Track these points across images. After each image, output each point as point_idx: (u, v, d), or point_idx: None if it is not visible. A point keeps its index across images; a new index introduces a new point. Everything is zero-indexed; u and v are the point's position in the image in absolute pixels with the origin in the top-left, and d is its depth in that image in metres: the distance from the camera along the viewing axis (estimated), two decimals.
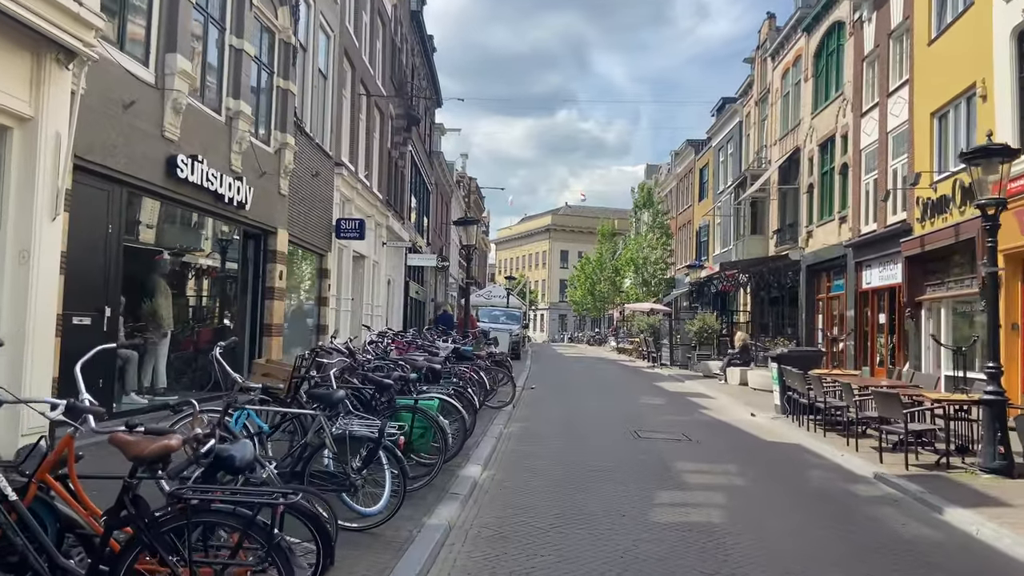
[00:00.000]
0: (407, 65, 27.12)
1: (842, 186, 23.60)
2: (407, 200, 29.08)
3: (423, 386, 8.52)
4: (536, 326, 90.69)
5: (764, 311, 32.53)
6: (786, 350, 14.06)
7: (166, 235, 10.72)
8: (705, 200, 43.57)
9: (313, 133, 15.14)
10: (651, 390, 19.00)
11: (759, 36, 34.01)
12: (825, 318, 25.35)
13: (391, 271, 26.17)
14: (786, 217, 29.27)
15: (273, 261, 12.72)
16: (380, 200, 22.16)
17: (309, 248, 15.40)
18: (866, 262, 21.53)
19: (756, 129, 33.90)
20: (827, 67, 25.50)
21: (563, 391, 18.08)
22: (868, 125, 21.56)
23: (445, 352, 12.05)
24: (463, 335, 17.41)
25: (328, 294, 16.63)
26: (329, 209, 16.67)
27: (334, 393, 5.66)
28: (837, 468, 9.37)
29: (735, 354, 20.62)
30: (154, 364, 10.78)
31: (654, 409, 14.82)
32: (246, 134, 11.12)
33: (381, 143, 22.87)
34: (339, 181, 17.17)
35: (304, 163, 14.52)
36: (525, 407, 14.40)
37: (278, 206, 12.78)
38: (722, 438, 11.36)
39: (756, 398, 16.61)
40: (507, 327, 30.83)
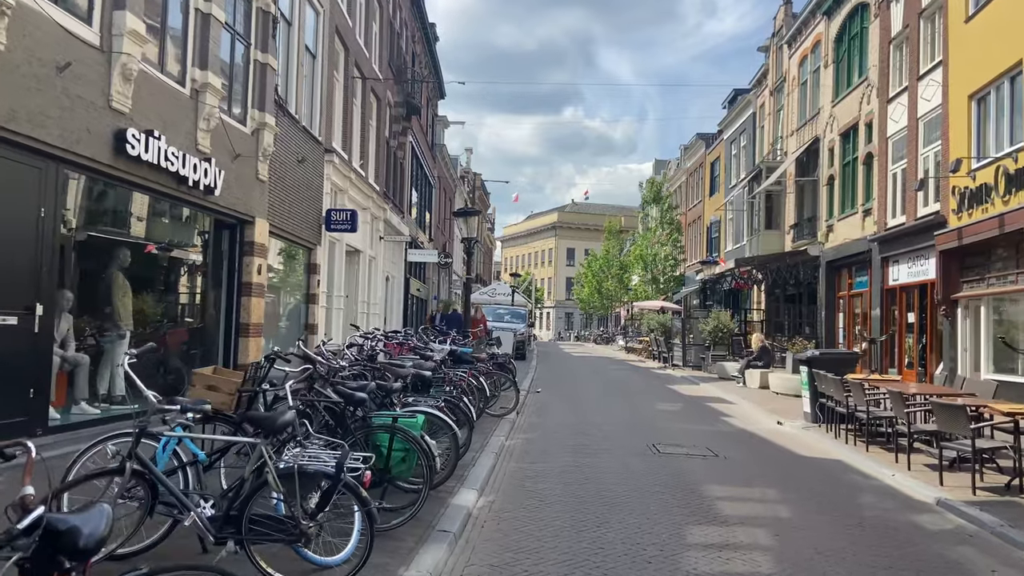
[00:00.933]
0: (407, 51, 25.87)
1: (866, 177, 22.26)
2: (407, 194, 27.83)
3: (410, 397, 7.27)
4: (542, 324, 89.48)
5: (779, 309, 31.18)
6: (816, 352, 12.75)
7: (121, 222, 9.48)
8: (716, 195, 42.21)
9: (299, 115, 13.91)
10: (665, 394, 17.71)
11: (774, 23, 32.65)
12: (847, 317, 24.02)
13: (390, 267, 24.93)
14: (804, 211, 27.91)
15: (250, 254, 11.48)
16: (377, 192, 20.92)
17: (295, 241, 14.17)
18: (893, 257, 20.20)
19: (771, 120, 32.54)
20: (849, 52, 24.14)
21: (571, 395, 16.82)
22: (896, 111, 20.22)
23: (440, 355, 10.79)
24: (463, 335, 16.15)
25: (317, 291, 15.39)
26: (318, 199, 15.44)
27: (278, 415, 4.40)
28: (891, 492, 8.08)
29: (753, 356, 19.31)
30: (110, 369, 9.57)
31: (671, 417, 13.54)
32: (215, 110, 9.87)
33: (378, 132, 21.62)
34: (330, 169, 15.93)
35: (288, 147, 13.28)
36: (530, 414, 13.15)
37: (255, 193, 11.54)
38: (752, 453, 10.07)
39: (780, 404, 15.32)
40: (512, 326, 29.57)
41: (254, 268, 11.53)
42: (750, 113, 36.12)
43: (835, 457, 9.88)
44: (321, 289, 15.74)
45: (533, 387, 18.01)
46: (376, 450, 5.78)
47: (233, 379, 5.62)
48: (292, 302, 14.99)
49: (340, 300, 17.50)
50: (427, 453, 5.67)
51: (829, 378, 11.10)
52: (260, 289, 11.75)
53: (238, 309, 11.40)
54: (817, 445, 10.80)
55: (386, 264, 24.12)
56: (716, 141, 43.75)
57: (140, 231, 9.78)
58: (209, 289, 11.07)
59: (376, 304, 21.54)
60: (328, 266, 17.32)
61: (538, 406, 14.45)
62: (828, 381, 11.18)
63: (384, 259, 23.67)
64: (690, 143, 50.12)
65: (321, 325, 15.69)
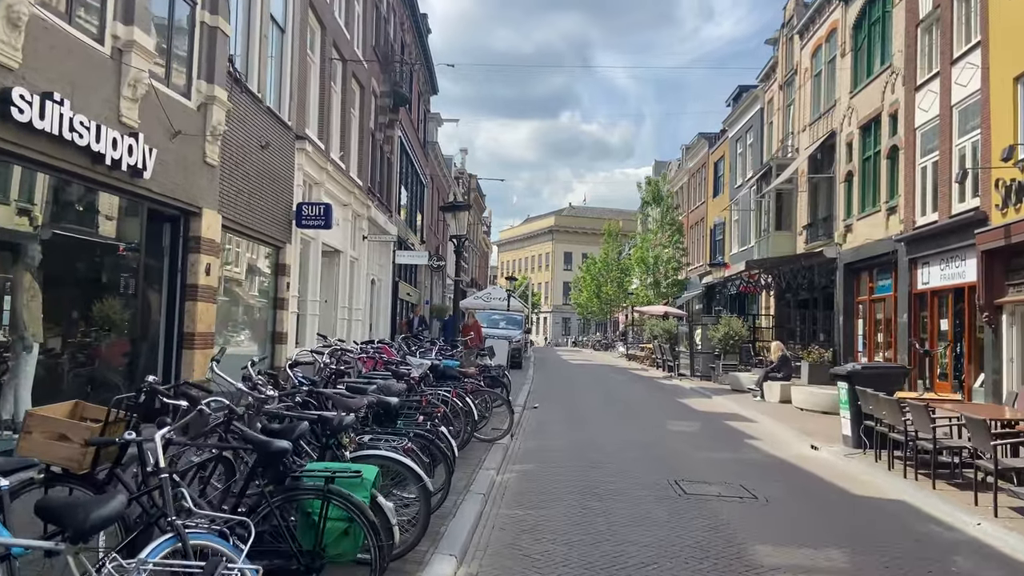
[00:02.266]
0: (395, 39, 24.17)
1: (890, 172, 20.58)
2: (396, 192, 26.09)
3: (366, 435, 5.51)
4: (538, 330, 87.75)
5: (790, 315, 29.47)
6: (858, 366, 11.01)
7: (24, 211, 7.70)
8: (720, 196, 40.54)
9: (263, 95, 12.17)
10: (677, 410, 15.96)
11: (783, 13, 31.02)
12: (867, 324, 22.31)
13: (376, 270, 23.18)
14: (818, 210, 26.23)
15: (197, 251, 9.74)
16: (359, 187, 19.18)
17: (257, 237, 12.42)
18: (923, 259, 18.50)
19: (780, 115, 30.88)
20: (869, 39, 22.48)
21: (572, 411, 15.07)
22: (925, 100, 18.54)
23: (419, 370, 9.04)
24: (451, 344, 14.40)
25: (286, 294, 13.64)
26: (287, 192, 13.70)
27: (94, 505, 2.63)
28: (987, 551, 6.34)
29: (773, 366, 17.57)
30: (15, 390, 7.81)
31: (689, 440, 11.79)
32: (143, 75, 8.12)
33: (362, 122, 19.90)
34: (302, 158, 14.20)
35: (249, 130, 11.55)
36: (527, 437, 11.41)
37: (202, 179, 9.79)
38: (795, 491, 8.31)
39: (808, 423, 13.59)
40: (507, 333, 27.76)
41: (201, 268, 9.78)
42: (757, 109, 34.47)
43: (896, 497, 8.13)
44: (291, 293, 13.98)
45: (530, 401, 16.26)
46: (306, 519, 4.04)
47: (90, 423, 3.88)
48: (256, 308, 13.23)
49: (316, 305, 15.74)
50: (375, 528, 3.91)
51: (881, 399, 9.36)
52: (209, 292, 9.99)
53: (181, 316, 9.64)
54: (869, 479, 9.05)
55: (371, 267, 22.37)
56: (720, 140, 42.10)
57: (52, 221, 8.01)
58: (144, 293, 9.30)
59: (360, 310, 19.79)
60: (301, 267, 15.57)
61: (536, 426, 12.70)
62: (880, 402, 9.44)
63: (369, 261, 21.91)
64: (692, 142, 48.46)
65: (291, 334, 13.93)
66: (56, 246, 7.94)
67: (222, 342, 11.96)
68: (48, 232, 7.95)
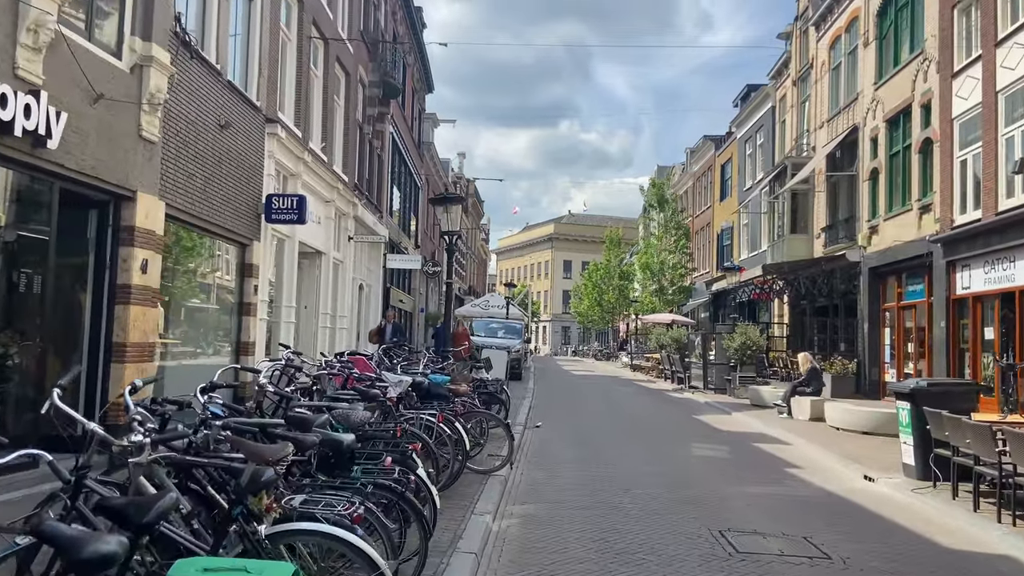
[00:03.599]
0: (385, 27, 22.55)
1: (922, 167, 18.93)
2: (387, 191, 24.43)
3: (301, 494, 3.79)
4: (538, 339, 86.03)
5: (806, 324, 27.77)
6: (923, 382, 9.30)
7: None
8: (728, 199, 38.92)
9: (223, 66, 10.50)
10: (697, 430, 14.23)
11: (797, 5, 29.44)
12: (895, 333, 20.61)
13: (365, 274, 21.48)
14: (838, 211, 24.57)
15: (130, 244, 8.03)
16: (344, 183, 17.49)
17: (217, 232, 10.71)
18: (963, 261, 16.82)
19: (794, 112, 29.27)
20: (896, 25, 20.88)
21: (580, 432, 13.34)
22: (964, 87, 16.90)
23: (397, 389, 7.32)
24: (441, 356, 12.68)
25: (254, 299, 11.93)
26: (255, 182, 12.02)
27: None
28: None
29: (802, 380, 15.85)
30: None
31: (720, 469, 10.07)
32: (49, 18, 6.44)
33: (348, 112, 18.23)
34: (273, 145, 12.52)
35: (202, 104, 9.87)
36: (530, 466, 9.69)
37: (137, 157, 8.10)
38: (871, 545, 6.56)
39: (848, 445, 11.88)
40: (506, 343, 26.02)
41: (135, 264, 8.07)
42: (768, 107, 32.88)
43: (1005, 551, 6.40)
44: (260, 298, 12.27)
45: (531, 419, 14.53)
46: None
47: None
48: (216, 315, 11.51)
49: (292, 312, 14.03)
50: None
51: (964, 423, 7.64)
52: (146, 294, 8.29)
53: (110, 322, 7.92)
54: (956, 525, 7.32)
55: (359, 270, 20.67)
56: (727, 141, 40.51)
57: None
58: (59, 294, 7.58)
59: (344, 317, 18.07)
60: (275, 268, 13.88)
61: (539, 450, 10.98)
62: (961, 427, 7.72)
63: (357, 264, 20.21)
64: (696, 145, 46.88)
65: (260, 344, 12.21)
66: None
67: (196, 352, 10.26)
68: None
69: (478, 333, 28.73)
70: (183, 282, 10.44)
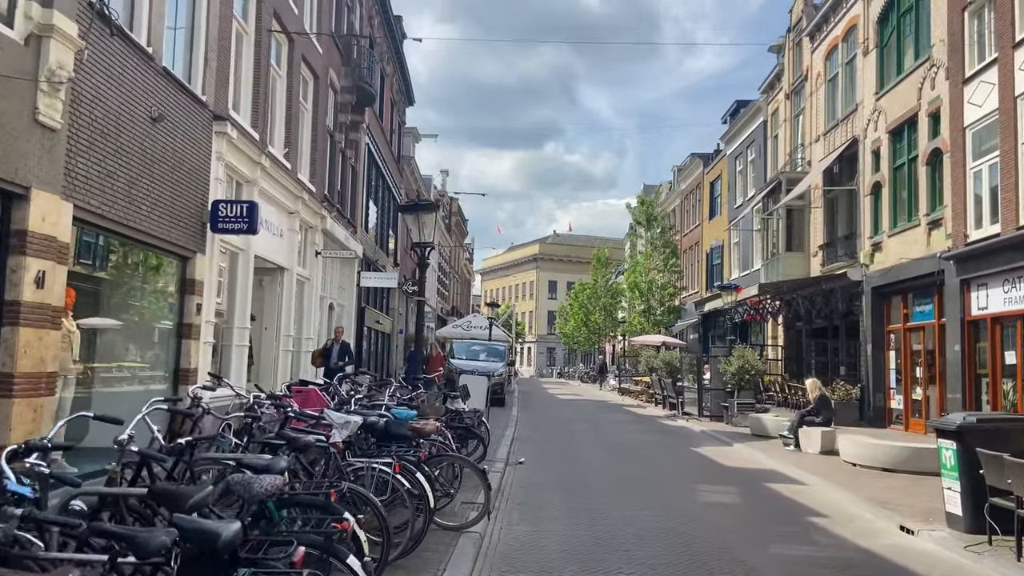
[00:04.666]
0: (361, 32, 21.24)
1: (931, 180, 17.79)
2: (361, 205, 23.02)
3: None
4: (523, 360, 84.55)
5: (802, 346, 26.53)
6: (971, 417, 7.95)
7: None
8: (718, 217, 37.83)
9: (155, 50, 9.08)
10: (699, 466, 12.80)
11: (790, 16, 28.53)
12: (901, 356, 19.35)
13: (336, 293, 20.00)
14: (837, 227, 23.42)
15: (21, 251, 6.57)
16: (311, 193, 16.06)
17: (148, 242, 9.23)
18: (979, 279, 15.63)
19: (788, 127, 28.24)
20: (899, 31, 19.85)
21: (569, 469, 11.88)
22: (977, 93, 15.79)
23: (345, 432, 5.88)
24: (411, 384, 11.20)
25: (197, 319, 10.42)
26: (199, 186, 10.57)
27: None
28: None
29: (810, 408, 14.49)
30: None
31: (735, 519, 8.64)
32: None
33: (316, 118, 16.85)
34: (222, 145, 11.09)
35: (127, 91, 8.44)
36: (510, 518, 8.23)
37: (31, 146, 6.65)
38: None
39: (871, 485, 10.51)
40: (488, 366, 24.56)
41: (28, 277, 6.59)
42: (759, 122, 31.88)
43: None
44: (205, 318, 10.77)
45: (514, 454, 13.07)
46: None
47: None
48: (148, 338, 9.99)
49: (244, 334, 12.51)
50: None
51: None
52: (43, 314, 6.79)
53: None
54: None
55: (329, 289, 19.19)
56: (716, 158, 39.52)
57: None
58: None
59: (311, 340, 16.53)
60: (227, 285, 12.41)
61: (522, 495, 9.52)
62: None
63: (325, 282, 18.74)
64: (684, 163, 45.89)
65: (202, 370, 10.69)
66: None
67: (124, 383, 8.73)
68: None
69: (459, 356, 27.28)
70: (107, 300, 8.95)
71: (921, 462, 11.71)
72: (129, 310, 9.51)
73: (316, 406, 8.55)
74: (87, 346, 8.54)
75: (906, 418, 18.93)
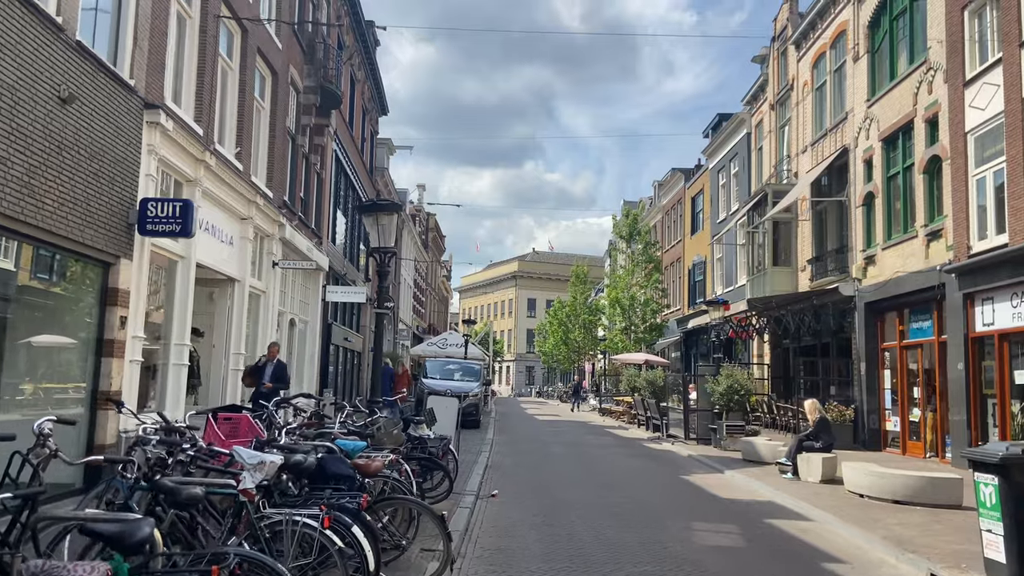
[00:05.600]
0: (328, 33, 20.03)
1: (928, 189, 16.87)
2: (328, 215, 21.71)
3: None
4: (501, 379, 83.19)
5: (789, 364, 25.52)
6: (1016, 447, 6.81)
7: None
8: (700, 233, 36.94)
9: (66, 20, 7.79)
10: (693, 498, 11.56)
11: (774, 26, 27.81)
12: (897, 375, 18.33)
13: (297, 308, 18.63)
14: (826, 241, 22.49)
15: None
16: (267, 198, 14.75)
17: (53, 243, 7.89)
18: (984, 293, 14.66)
19: (773, 138, 27.39)
20: (891, 35, 19.03)
21: (550, 505, 10.58)
22: (980, 96, 14.91)
23: (254, 478, 4.58)
24: (369, 409, 9.89)
25: (121, 335, 9.07)
26: (126, 182, 9.26)
27: None
28: None
29: (808, 432, 13.34)
30: None
31: (739, 569, 7.41)
32: None
33: (275, 118, 15.59)
34: (155, 137, 9.79)
35: (22, 63, 7.15)
36: (476, 574, 6.91)
37: None
38: None
39: (884, 520, 9.35)
40: (462, 386, 23.26)
41: None
42: (743, 134, 31.06)
43: None
44: (132, 333, 9.41)
45: (487, 485, 11.78)
46: None
47: None
48: (57, 356, 8.61)
49: (182, 352, 11.12)
50: None
51: None
52: None
53: None
54: None
55: (290, 304, 17.83)
56: (698, 173, 38.70)
57: None
58: None
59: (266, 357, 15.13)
60: (165, 296, 11.06)
61: (493, 539, 8.22)
62: None
63: (286, 296, 17.39)
64: (665, 178, 45.08)
65: (131, 392, 9.32)
66: None
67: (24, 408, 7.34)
68: None
69: (432, 375, 25.90)
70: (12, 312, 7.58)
71: (936, 494, 10.60)
72: (34, 323, 8.13)
73: (248, 436, 7.25)
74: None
75: (903, 441, 17.89)
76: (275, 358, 12.39)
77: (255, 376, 11.95)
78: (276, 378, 11.86)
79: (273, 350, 12.64)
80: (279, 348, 12.97)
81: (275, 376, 11.89)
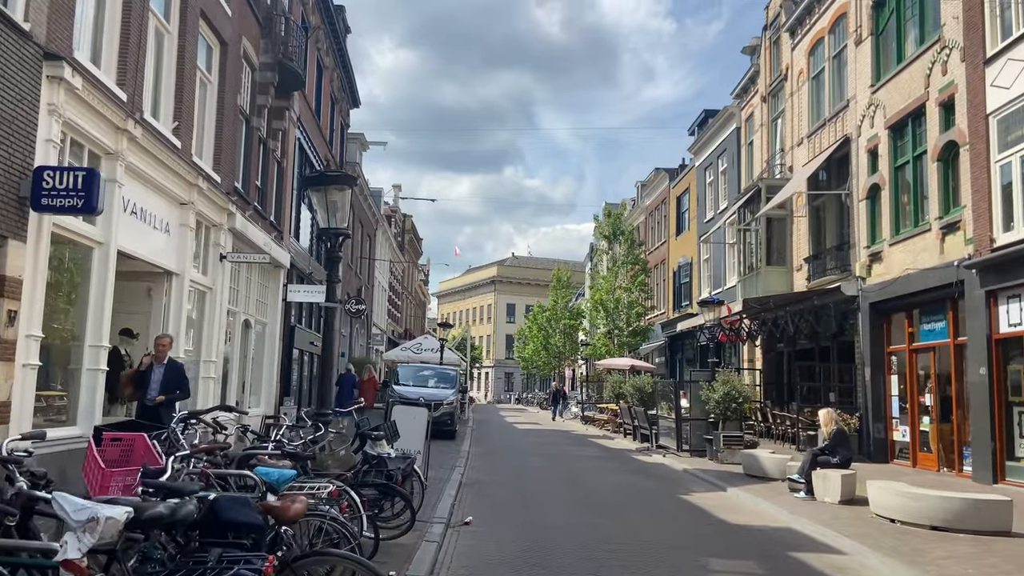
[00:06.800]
0: (290, 10, 18.36)
1: (943, 178, 15.52)
2: (290, 207, 20.00)
3: None
4: (480, 386, 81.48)
5: (784, 369, 24.13)
6: None
7: None
8: (686, 233, 35.59)
9: None
10: (697, 525, 9.99)
11: (766, 14, 26.50)
12: (906, 380, 16.93)
13: (253, 308, 16.89)
14: (825, 238, 21.13)
15: None
16: (213, 182, 13.04)
17: None
18: (1010, 291, 13.30)
19: (765, 132, 26.06)
20: (899, 14, 17.70)
21: (532, 538, 8.95)
22: (1004, 73, 13.57)
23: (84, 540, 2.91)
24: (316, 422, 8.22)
25: (7, 333, 7.36)
26: (19, 148, 7.57)
27: None
28: None
29: (824, 446, 11.84)
30: None
31: None
32: None
33: (223, 95, 13.89)
34: (58, 95, 8.09)
35: None
36: None
37: None
38: None
39: (932, 552, 7.87)
40: (436, 393, 21.59)
41: None
42: (732, 129, 29.75)
43: None
44: (23, 331, 7.69)
45: (460, 509, 10.15)
46: None
47: None
48: None
49: (99, 355, 9.37)
50: None
51: None
52: None
53: None
54: None
55: (244, 303, 16.09)
56: (684, 171, 37.38)
57: None
58: None
59: (213, 363, 13.43)
60: (81, 289, 9.33)
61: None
62: None
63: (239, 294, 15.66)
64: (649, 178, 43.74)
65: (23, 404, 7.59)
66: None
67: None
68: None
69: (404, 382, 24.18)
70: None
71: (981, 519, 9.13)
72: None
73: (144, 463, 5.57)
74: None
75: (913, 452, 16.49)
76: (165, 359, 9.44)
77: (138, 384, 9.22)
78: (168, 386, 9.18)
79: (162, 347, 9.44)
80: (171, 342, 9.83)
81: (166, 384, 9.17)
